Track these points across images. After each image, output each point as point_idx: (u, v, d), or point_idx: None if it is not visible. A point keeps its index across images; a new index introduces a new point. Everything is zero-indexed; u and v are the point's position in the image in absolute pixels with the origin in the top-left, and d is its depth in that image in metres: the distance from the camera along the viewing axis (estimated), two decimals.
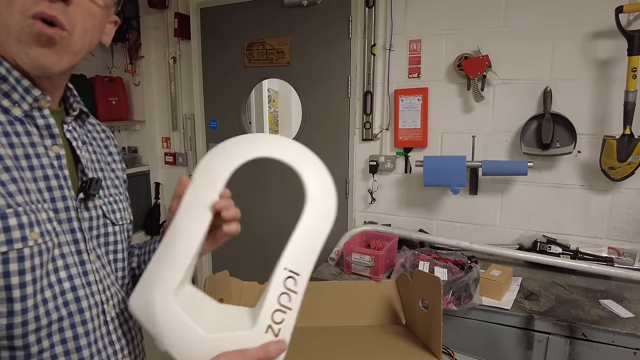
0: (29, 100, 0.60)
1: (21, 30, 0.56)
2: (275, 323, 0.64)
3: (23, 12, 0.55)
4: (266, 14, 2.46)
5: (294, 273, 0.66)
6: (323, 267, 1.92)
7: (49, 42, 0.57)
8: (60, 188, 0.63)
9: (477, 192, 2.10)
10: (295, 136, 2.54)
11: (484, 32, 2.00)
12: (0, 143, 0.57)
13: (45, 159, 0.62)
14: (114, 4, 0.67)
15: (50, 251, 0.59)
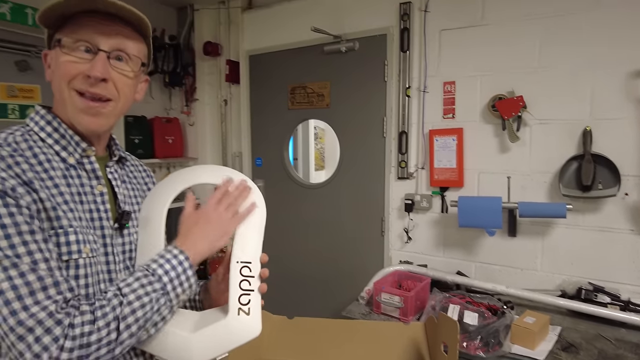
0: (79, 151, 0.79)
1: (74, 104, 0.75)
2: (243, 305, 0.77)
3: (73, 89, 0.74)
4: (308, 60, 2.63)
5: (246, 262, 0.79)
6: (353, 306, 1.94)
7: (95, 113, 0.76)
8: (100, 219, 0.80)
9: (516, 234, 2.04)
10: (334, 173, 2.63)
11: (518, 72, 2.00)
12: (62, 183, 0.74)
13: (91, 196, 0.79)
14: (141, 71, 0.83)
15: (94, 266, 0.76)
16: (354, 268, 2.52)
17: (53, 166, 0.75)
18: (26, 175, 0.69)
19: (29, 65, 2.26)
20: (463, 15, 2.11)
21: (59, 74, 0.74)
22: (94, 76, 0.72)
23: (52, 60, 0.77)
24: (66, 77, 0.73)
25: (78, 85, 0.73)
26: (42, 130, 0.76)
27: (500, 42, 2.03)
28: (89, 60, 0.73)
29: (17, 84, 2.24)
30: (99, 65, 0.73)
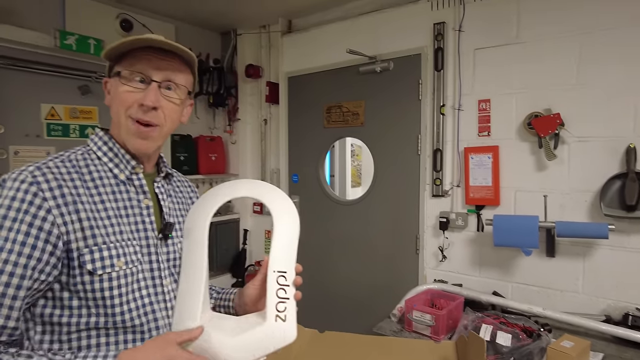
0: (129, 168, 0.90)
1: (128, 128, 0.86)
2: (280, 312, 0.82)
3: (129, 116, 0.85)
4: (343, 80, 2.71)
5: (282, 272, 0.83)
6: (384, 323, 1.94)
7: (145, 137, 0.87)
8: (145, 230, 0.90)
9: (555, 254, 1.98)
10: (368, 190, 2.66)
11: (555, 90, 1.97)
12: (109, 198, 0.85)
13: (137, 209, 0.90)
14: (187, 97, 0.93)
15: (135, 275, 0.85)
16: (388, 286, 2.52)
17: (104, 182, 0.86)
18: (76, 192, 0.80)
19: (90, 89, 2.49)
20: (497, 34, 2.12)
21: (118, 102, 0.85)
22: (147, 105, 0.83)
23: (112, 88, 0.88)
24: (124, 105, 0.84)
25: (133, 113, 0.85)
26: (99, 150, 0.88)
27: (536, 59, 2.02)
28: (143, 90, 0.84)
29: (79, 106, 2.47)
30: (151, 94, 0.84)
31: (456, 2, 2.23)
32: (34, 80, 2.31)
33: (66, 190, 0.79)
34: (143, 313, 0.86)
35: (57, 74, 2.37)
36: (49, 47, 2.27)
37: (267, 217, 3.23)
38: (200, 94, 3.10)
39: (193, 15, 2.99)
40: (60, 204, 0.77)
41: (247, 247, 3.31)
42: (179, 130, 3.01)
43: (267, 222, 3.22)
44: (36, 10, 2.32)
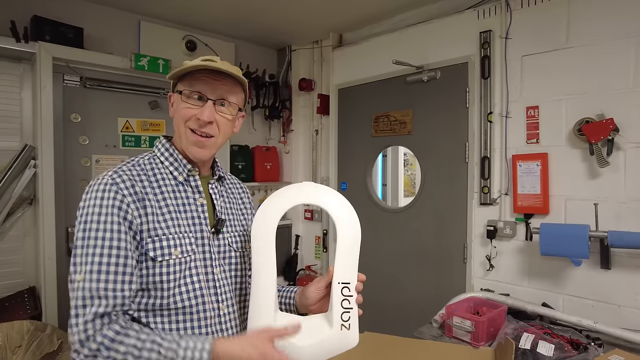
0: (186, 171, 1.04)
1: (188, 138, 1.01)
2: (345, 321, 0.92)
3: (186, 125, 1.00)
4: (391, 90, 2.77)
5: (345, 283, 0.92)
6: (425, 328, 1.96)
7: (202, 146, 1.01)
8: (200, 224, 1.03)
9: (610, 266, 1.88)
10: (415, 198, 2.69)
11: (608, 95, 1.90)
12: (170, 196, 1.00)
13: (194, 206, 1.03)
14: (238, 110, 1.08)
15: (188, 263, 0.99)
16: (435, 294, 2.51)
17: (166, 183, 1.01)
18: (144, 191, 0.96)
19: (158, 104, 2.78)
20: (546, 39, 2.08)
21: (179, 115, 1.00)
22: (203, 120, 0.98)
23: (175, 103, 1.03)
24: (184, 118, 0.99)
25: (192, 125, 0.99)
26: (162, 155, 1.04)
27: (587, 64, 1.96)
28: (200, 107, 0.98)
29: (149, 119, 2.76)
30: (207, 111, 0.98)
31: (503, 9, 2.23)
32: (113, 97, 2.63)
33: (137, 189, 0.95)
34: (193, 297, 0.97)
35: (131, 91, 2.69)
36: (126, 69, 2.57)
37: (317, 224, 3.34)
38: (257, 107, 3.30)
39: (251, 34, 3.22)
40: (134, 199, 0.93)
41: (298, 251, 3.44)
42: (238, 141, 3.24)
43: (317, 229, 3.33)
44: (118, 38, 2.65)
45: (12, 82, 2.33)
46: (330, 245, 3.18)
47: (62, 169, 2.41)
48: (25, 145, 2.29)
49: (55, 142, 2.34)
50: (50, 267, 2.29)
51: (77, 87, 2.49)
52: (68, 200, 2.44)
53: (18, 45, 2.20)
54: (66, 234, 2.45)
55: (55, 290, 2.30)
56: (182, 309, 0.96)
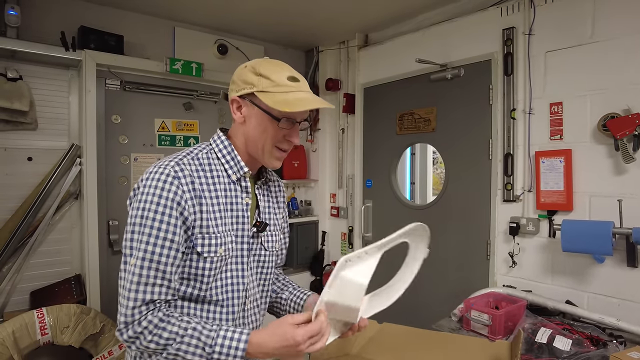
0: (241, 173, 1.08)
1: (272, 154, 1.07)
2: None
3: (274, 144, 1.05)
4: (415, 88, 2.80)
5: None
6: (444, 321, 1.99)
7: (281, 159, 1.09)
8: (242, 224, 1.08)
9: (637, 264, 1.85)
10: (439, 195, 2.71)
11: (635, 89, 1.86)
12: (222, 194, 1.05)
13: (240, 205, 1.08)
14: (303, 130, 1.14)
15: (226, 259, 1.06)
16: (458, 290, 2.52)
17: (220, 181, 1.05)
18: (201, 188, 1.00)
19: (192, 105, 2.94)
20: (570, 35, 2.06)
21: (268, 134, 1.03)
22: (294, 143, 1.07)
23: (254, 116, 1.03)
24: (275, 138, 1.04)
25: (283, 145, 1.06)
26: (220, 152, 1.07)
27: (613, 58, 1.93)
28: (289, 128, 1.04)
29: (183, 120, 2.93)
30: (296, 134, 1.06)
31: (526, 6, 2.22)
32: (150, 99, 2.81)
33: (196, 186, 0.99)
34: (225, 291, 1.05)
35: (167, 93, 2.85)
36: (162, 72, 2.74)
37: (343, 220, 3.41)
38: None
39: (280, 37, 3.33)
40: (192, 196, 0.98)
41: (325, 247, 3.52)
42: None
43: (344, 225, 3.40)
44: (155, 44, 2.83)
45: (61, 87, 2.55)
46: (355, 241, 3.24)
47: (104, 167, 2.61)
48: (72, 145, 2.50)
49: (98, 141, 2.53)
50: (93, 256, 2.49)
51: (118, 90, 2.68)
52: (109, 195, 2.63)
53: (67, 54, 2.41)
54: (107, 227, 2.64)
55: (97, 278, 2.50)
56: (215, 302, 1.04)
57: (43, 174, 2.43)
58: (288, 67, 1.06)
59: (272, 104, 0.98)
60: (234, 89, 1.06)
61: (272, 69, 1.02)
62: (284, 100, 0.98)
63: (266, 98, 0.99)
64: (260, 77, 1.01)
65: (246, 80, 1.03)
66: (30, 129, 2.40)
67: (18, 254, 2.34)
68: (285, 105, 0.97)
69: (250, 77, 1.02)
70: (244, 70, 1.05)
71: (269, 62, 1.05)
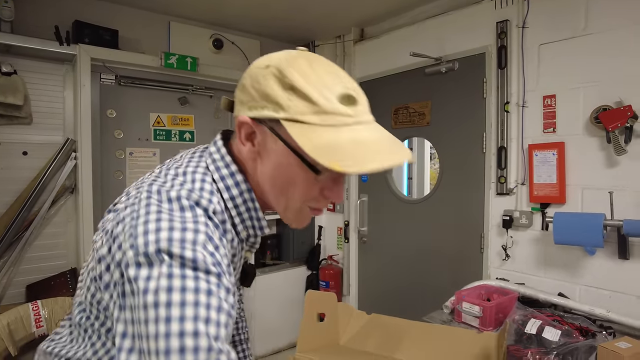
0: (260, 233, 0.75)
1: (303, 214, 0.71)
2: None
3: (305, 202, 0.69)
4: (410, 82, 2.80)
5: None
6: (436, 313, 2.00)
7: (309, 220, 0.73)
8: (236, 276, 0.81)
9: (628, 256, 1.85)
10: (433, 189, 2.71)
11: (628, 81, 1.86)
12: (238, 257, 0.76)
13: (238, 259, 0.77)
14: None
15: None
16: (452, 284, 2.53)
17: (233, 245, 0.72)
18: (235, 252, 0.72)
19: (187, 100, 2.94)
20: (563, 27, 2.06)
21: (299, 190, 0.67)
22: (338, 202, 0.85)
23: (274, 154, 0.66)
24: (307, 195, 0.68)
25: (314, 203, 0.69)
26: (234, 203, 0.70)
27: (606, 50, 1.92)
28: (331, 183, 0.68)
29: (179, 114, 2.93)
30: (341, 189, 0.70)
31: None
32: (145, 94, 2.81)
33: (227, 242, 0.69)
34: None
35: (162, 88, 2.86)
36: (157, 67, 2.74)
37: (339, 215, 3.42)
38: None
39: (276, 32, 3.33)
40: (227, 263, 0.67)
41: (321, 242, 3.53)
42: None
43: (339, 220, 3.40)
44: (150, 38, 2.83)
45: (56, 81, 2.55)
46: (351, 235, 3.25)
47: (99, 161, 2.62)
48: (67, 139, 2.51)
49: (93, 136, 2.54)
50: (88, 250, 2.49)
51: (113, 85, 2.69)
52: (104, 189, 2.64)
53: (61, 48, 2.41)
54: None
55: None
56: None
57: (38, 168, 2.44)
58: (340, 72, 0.67)
59: (311, 150, 0.58)
60: (245, 101, 0.66)
61: (314, 78, 0.62)
62: (332, 146, 0.59)
63: (301, 135, 0.60)
64: (292, 93, 0.61)
65: (267, 94, 0.63)
66: (25, 123, 2.41)
67: (14, 247, 2.35)
68: (333, 157, 0.58)
69: (275, 90, 0.62)
70: (265, 72, 0.64)
71: (308, 62, 0.64)
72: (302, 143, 0.59)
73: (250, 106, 0.65)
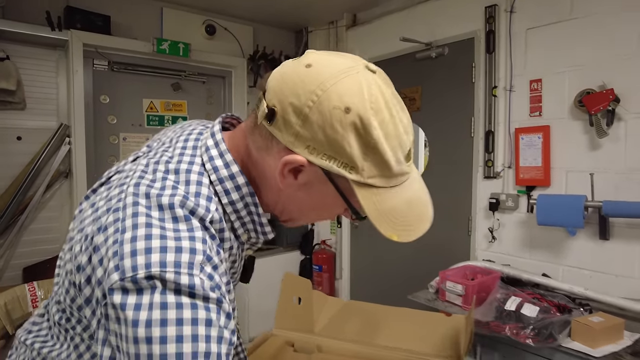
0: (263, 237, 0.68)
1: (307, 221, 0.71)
2: None
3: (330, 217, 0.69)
4: (401, 68, 2.82)
5: None
6: (422, 293, 2.06)
7: None
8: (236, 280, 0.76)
9: (608, 236, 1.90)
10: (422, 172, 2.75)
11: (611, 65, 1.88)
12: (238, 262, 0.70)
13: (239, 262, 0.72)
14: None
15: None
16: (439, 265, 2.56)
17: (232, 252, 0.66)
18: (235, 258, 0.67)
19: (180, 85, 2.97)
20: (550, 12, 2.07)
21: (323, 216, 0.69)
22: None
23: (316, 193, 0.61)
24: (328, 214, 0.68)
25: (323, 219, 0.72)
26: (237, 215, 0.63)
27: (591, 35, 1.94)
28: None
29: (171, 100, 2.96)
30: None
31: None
32: (138, 80, 2.83)
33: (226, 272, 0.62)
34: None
35: (155, 74, 2.88)
36: (149, 53, 2.76)
37: None
38: None
39: (269, 17, 3.33)
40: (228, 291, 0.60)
41: (315, 227, 3.58)
42: None
43: None
44: (142, 24, 2.84)
45: (49, 67, 2.57)
46: (344, 221, 3.29)
47: (93, 146, 2.65)
48: (60, 124, 2.54)
49: (87, 121, 2.57)
50: None
51: (106, 71, 2.71)
52: (98, 174, 2.65)
53: (53, 34, 2.43)
54: None
55: None
56: None
57: (32, 153, 2.48)
58: (406, 113, 0.61)
59: (375, 218, 0.58)
60: (306, 138, 0.56)
61: (392, 133, 0.56)
62: (391, 212, 0.59)
63: (367, 200, 0.57)
64: (369, 154, 0.55)
65: (343, 148, 0.55)
66: (18, 108, 2.43)
67: (10, 231, 2.40)
68: (391, 227, 0.59)
69: (353, 149, 0.55)
70: (344, 119, 0.54)
71: (393, 114, 0.57)
72: (368, 209, 0.57)
73: (312, 149, 0.55)
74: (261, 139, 0.60)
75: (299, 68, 0.57)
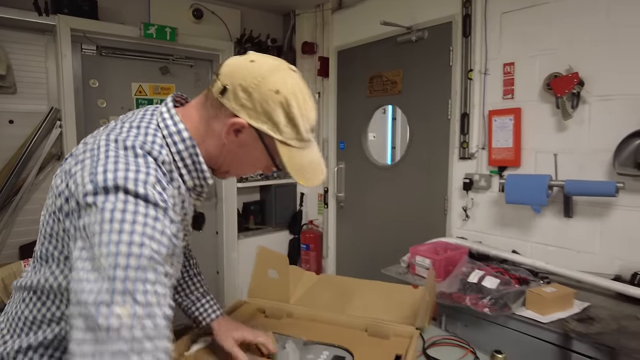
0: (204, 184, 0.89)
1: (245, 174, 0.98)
2: None
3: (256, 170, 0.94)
4: (383, 51, 2.88)
5: None
6: (394, 267, 2.17)
7: None
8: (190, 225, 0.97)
9: (571, 214, 2.00)
10: (403, 155, 2.83)
11: (577, 49, 1.95)
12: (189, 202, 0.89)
13: (190, 207, 0.91)
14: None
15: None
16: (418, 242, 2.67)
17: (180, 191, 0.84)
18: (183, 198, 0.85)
19: (168, 69, 3.03)
20: None
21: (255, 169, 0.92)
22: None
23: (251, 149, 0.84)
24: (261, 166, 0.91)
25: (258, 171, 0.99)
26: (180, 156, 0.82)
27: (561, 19, 2.00)
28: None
29: (160, 83, 3.02)
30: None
31: None
32: (127, 64, 2.89)
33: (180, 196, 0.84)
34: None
35: (142, 58, 2.94)
36: (137, 37, 2.81)
37: None
38: None
39: (257, 1, 3.36)
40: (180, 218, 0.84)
41: (303, 208, 3.68)
42: None
43: (320, 187, 3.54)
44: (129, 9, 2.88)
45: (38, 52, 2.63)
46: (329, 201, 3.39)
47: (84, 129, 2.73)
48: (51, 108, 2.61)
49: (77, 105, 2.64)
50: None
51: (94, 56, 2.77)
52: None
53: (40, 19, 2.48)
54: None
55: None
56: None
57: (24, 137, 2.56)
58: (313, 105, 0.86)
59: (289, 166, 0.82)
60: (248, 108, 0.80)
61: (305, 113, 0.82)
62: (300, 166, 0.83)
63: (286, 155, 0.82)
64: (289, 122, 0.80)
65: (271, 116, 0.79)
66: (9, 92, 2.51)
67: (5, 211, 2.50)
68: (301, 175, 0.83)
69: (279, 117, 0.80)
70: (275, 98, 0.79)
71: (305, 99, 0.83)
72: (287, 163, 0.82)
73: (251, 115, 0.80)
74: (212, 109, 0.83)
75: (245, 62, 0.82)
